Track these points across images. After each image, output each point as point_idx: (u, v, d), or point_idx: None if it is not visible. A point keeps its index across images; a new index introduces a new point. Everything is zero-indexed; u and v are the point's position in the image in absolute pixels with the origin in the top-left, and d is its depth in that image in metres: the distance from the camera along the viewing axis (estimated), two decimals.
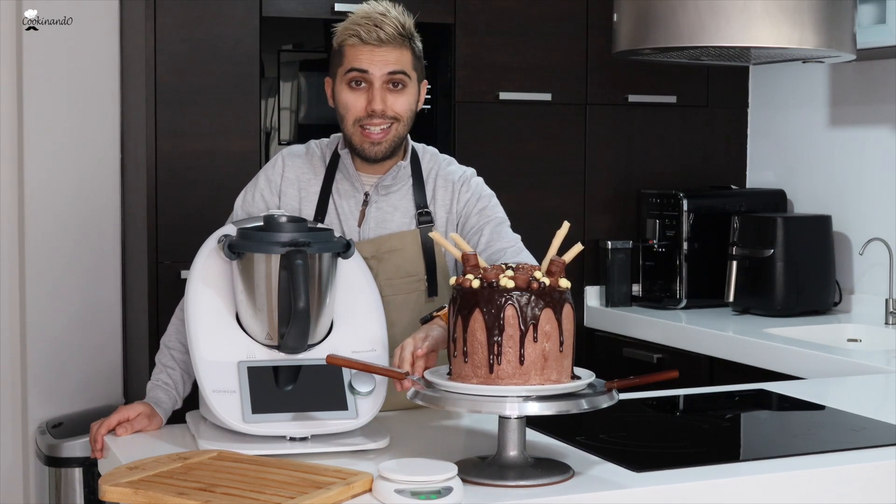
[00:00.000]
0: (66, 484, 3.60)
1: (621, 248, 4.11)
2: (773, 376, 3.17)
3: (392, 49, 2.36)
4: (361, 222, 2.46)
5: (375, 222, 2.46)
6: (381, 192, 2.47)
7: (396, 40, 2.36)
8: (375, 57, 2.35)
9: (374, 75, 2.36)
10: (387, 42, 2.35)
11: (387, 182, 2.46)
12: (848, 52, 2.81)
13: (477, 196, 2.49)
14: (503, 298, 1.85)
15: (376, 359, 2.19)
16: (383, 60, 2.35)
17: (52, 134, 3.91)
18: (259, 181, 2.50)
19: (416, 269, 2.45)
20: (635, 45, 2.86)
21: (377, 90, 2.36)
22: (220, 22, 3.62)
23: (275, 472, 1.87)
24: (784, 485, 1.99)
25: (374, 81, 2.36)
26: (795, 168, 4.19)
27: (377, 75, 2.36)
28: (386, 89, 2.37)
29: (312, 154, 2.51)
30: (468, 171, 2.53)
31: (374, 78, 2.36)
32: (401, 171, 2.47)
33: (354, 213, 2.47)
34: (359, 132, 2.39)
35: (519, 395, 1.84)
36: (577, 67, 4.09)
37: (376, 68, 2.35)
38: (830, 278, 3.88)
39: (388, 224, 2.46)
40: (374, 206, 2.46)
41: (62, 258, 3.94)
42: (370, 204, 2.46)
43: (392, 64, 2.36)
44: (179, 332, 2.36)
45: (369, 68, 2.36)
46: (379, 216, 2.46)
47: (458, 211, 2.48)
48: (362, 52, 2.36)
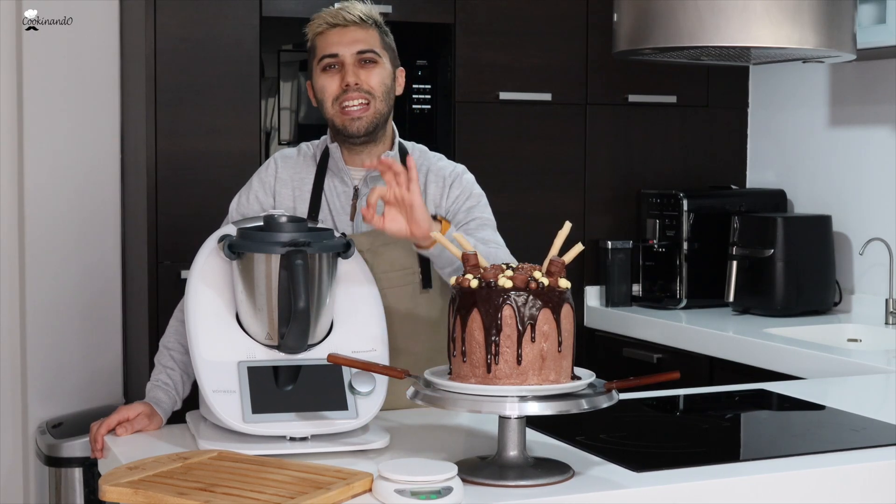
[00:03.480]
0: (66, 484, 3.60)
1: (621, 248, 4.11)
2: (773, 376, 3.17)
3: (359, 29, 2.48)
4: (353, 216, 2.48)
5: None
6: (371, 183, 2.48)
7: (363, 21, 2.49)
8: (344, 38, 2.47)
9: (345, 55, 2.46)
10: (352, 23, 2.47)
11: (375, 174, 2.48)
12: (848, 52, 2.81)
13: (467, 194, 2.51)
14: (501, 298, 1.85)
15: (376, 358, 2.19)
16: (351, 40, 2.47)
17: (52, 134, 3.92)
18: (253, 184, 2.53)
19: (410, 262, 2.47)
20: (635, 45, 2.86)
21: (349, 66, 2.46)
22: (220, 22, 3.62)
23: (275, 472, 1.87)
24: (784, 485, 1.99)
25: (346, 60, 2.46)
26: (795, 168, 4.19)
27: (347, 55, 2.46)
28: (358, 66, 2.47)
29: (304, 155, 2.55)
30: (459, 168, 2.56)
31: (345, 57, 2.46)
32: None
33: (346, 207, 2.49)
34: (339, 113, 2.46)
35: (518, 395, 1.84)
36: (577, 67, 4.09)
37: (345, 48, 2.46)
38: (830, 278, 3.88)
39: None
40: (364, 200, 2.47)
41: (62, 258, 3.94)
42: (360, 197, 2.48)
43: (360, 42, 2.47)
44: (178, 333, 2.37)
45: (338, 51, 2.46)
46: None
47: (447, 207, 2.50)
48: (331, 37, 2.48)
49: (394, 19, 3.77)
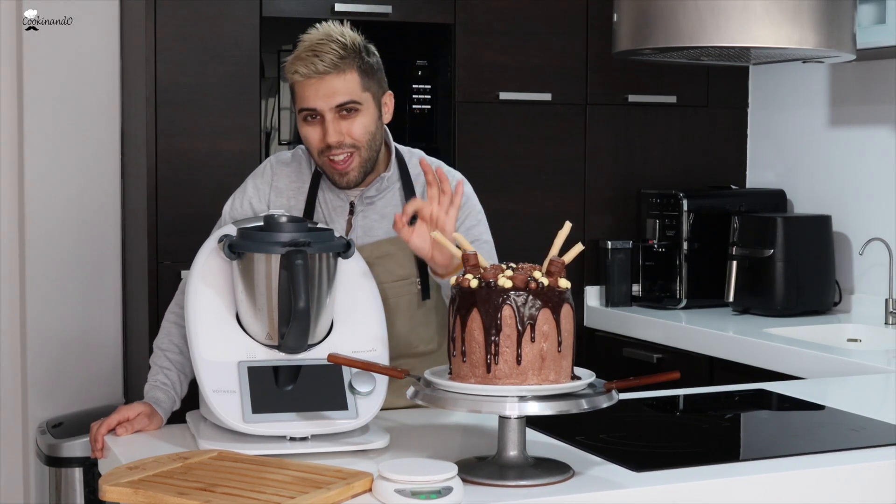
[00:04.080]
0: (66, 484, 3.60)
1: (621, 248, 4.11)
2: (773, 376, 3.17)
3: (335, 77, 2.35)
4: (349, 232, 2.48)
5: (363, 230, 2.48)
6: (366, 201, 2.49)
7: (338, 66, 2.35)
8: (320, 91, 2.35)
9: (324, 110, 2.37)
10: (326, 72, 2.35)
11: (370, 193, 2.48)
12: (848, 52, 2.81)
13: (468, 212, 2.49)
14: (501, 298, 1.86)
15: (377, 358, 2.19)
16: (328, 92, 2.35)
17: (52, 134, 3.92)
18: (247, 188, 2.52)
19: (409, 272, 2.47)
20: (635, 45, 2.86)
21: (329, 122, 2.37)
22: (220, 22, 3.62)
23: (275, 472, 1.87)
24: (784, 485, 1.99)
25: (325, 114, 2.37)
26: (795, 168, 4.19)
27: (326, 109, 2.37)
28: (338, 118, 2.37)
29: (300, 160, 2.53)
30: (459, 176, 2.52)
31: (325, 112, 2.37)
32: (384, 183, 2.49)
33: (342, 222, 2.49)
34: (326, 162, 2.41)
35: (518, 394, 1.84)
36: (577, 67, 4.09)
37: (323, 103, 2.36)
38: (830, 278, 3.87)
39: (374, 232, 2.48)
40: (361, 216, 2.48)
41: (62, 258, 3.94)
42: (356, 213, 2.48)
43: (338, 95, 2.36)
44: (171, 334, 2.37)
45: (316, 105, 2.36)
46: (366, 224, 2.48)
47: None
48: (307, 89, 2.36)
49: (394, 19, 3.77)
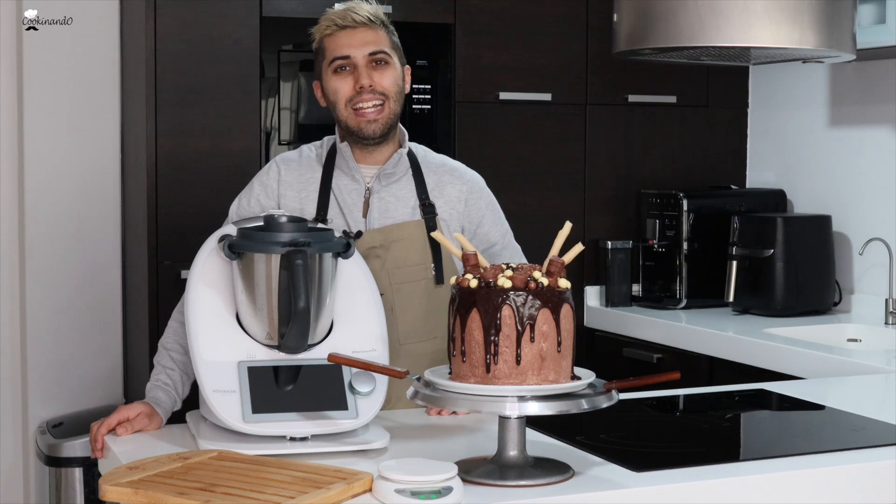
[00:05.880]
0: (66, 484, 3.60)
1: (621, 248, 4.11)
2: (773, 376, 3.17)
3: (368, 30, 2.46)
4: (366, 213, 2.48)
5: (379, 212, 2.49)
6: (384, 181, 2.50)
7: (372, 22, 2.47)
8: (354, 40, 2.45)
9: (357, 57, 2.45)
10: (361, 24, 2.46)
11: (388, 170, 2.50)
12: (848, 52, 2.81)
13: (487, 202, 2.59)
14: (500, 298, 1.86)
15: (377, 358, 2.19)
16: (362, 42, 2.45)
17: (52, 134, 3.92)
18: (254, 187, 2.53)
19: (423, 258, 2.49)
20: (635, 45, 2.86)
21: (362, 69, 2.45)
22: (220, 22, 3.62)
23: (275, 472, 1.87)
24: (784, 485, 1.99)
25: (358, 62, 2.45)
26: (795, 168, 4.19)
27: (359, 56, 2.45)
28: (370, 67, 2.46)
29: (306, 157, 2.55)
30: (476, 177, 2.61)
31: (357, 59, 2.45)
32: (401, 159, 2.51)
33: (358, 204, 2.50)
34: (352, 115, 2.46)
35: (517, 394, 1.84)
36: (577, 67, 4.09)
37: (357, 51, 2.45)
38: (830, 278, 3.88)
39: (392, 213, 2.50)
40: (377, 197, 2.50)
41: (62, 258, 3.94)
42: (373, 194, 2.49)
43: (371, 44, 2.46)
44: (177, 334, 2.37)
45: (350, 52, 2.45)
46: (382, 206, 2.50)
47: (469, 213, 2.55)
48: (341, 39, 2.46)
49: (394, 19, 3.72)
